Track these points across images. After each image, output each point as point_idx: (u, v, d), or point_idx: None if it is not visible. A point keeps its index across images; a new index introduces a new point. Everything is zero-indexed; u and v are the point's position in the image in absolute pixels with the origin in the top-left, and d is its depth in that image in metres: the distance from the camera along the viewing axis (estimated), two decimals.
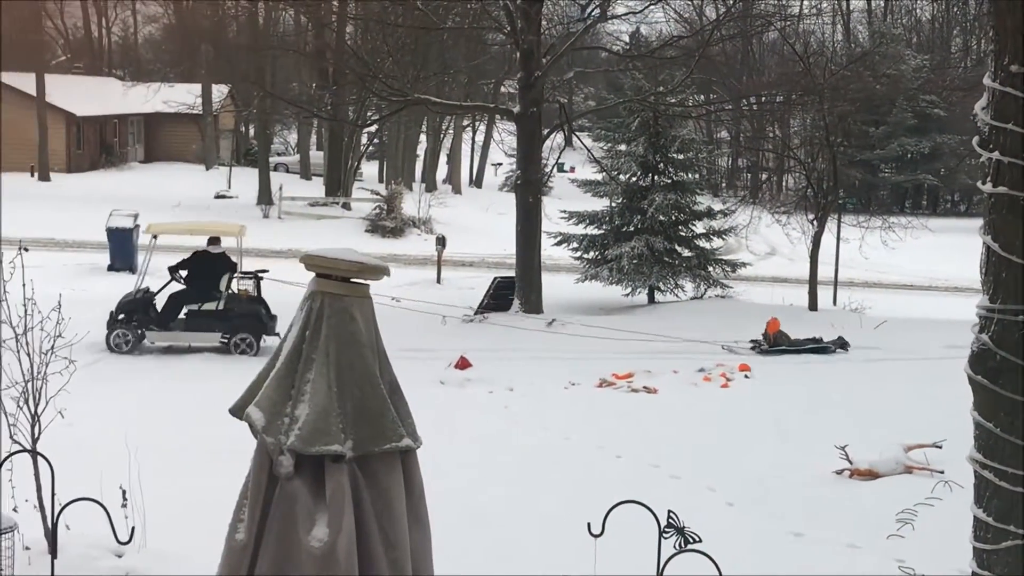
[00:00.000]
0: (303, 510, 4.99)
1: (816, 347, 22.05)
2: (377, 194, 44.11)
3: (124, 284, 28.08)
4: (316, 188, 52.40)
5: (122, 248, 29.95)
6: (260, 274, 21.00)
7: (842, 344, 22.35)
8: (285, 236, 38.61)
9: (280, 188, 45.86)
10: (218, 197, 48.93)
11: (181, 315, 20.55)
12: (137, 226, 30.10)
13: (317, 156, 61.73)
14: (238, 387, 15.45)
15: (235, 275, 20.85)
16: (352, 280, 5.26)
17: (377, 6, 31.08)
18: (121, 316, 20.30)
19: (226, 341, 20.26)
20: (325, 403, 5.02)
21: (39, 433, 9.83)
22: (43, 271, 23.48)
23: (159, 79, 65.39)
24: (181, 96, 57.60)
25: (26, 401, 9.84)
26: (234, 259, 21.09)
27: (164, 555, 9.84)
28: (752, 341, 22.36)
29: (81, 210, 40.21)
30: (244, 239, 22.27)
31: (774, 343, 22.08)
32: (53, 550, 6.96)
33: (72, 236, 35.64)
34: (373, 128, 47.04)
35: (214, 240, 21.26)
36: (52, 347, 10.02)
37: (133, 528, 7.97)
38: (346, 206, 45.86)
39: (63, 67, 71.19)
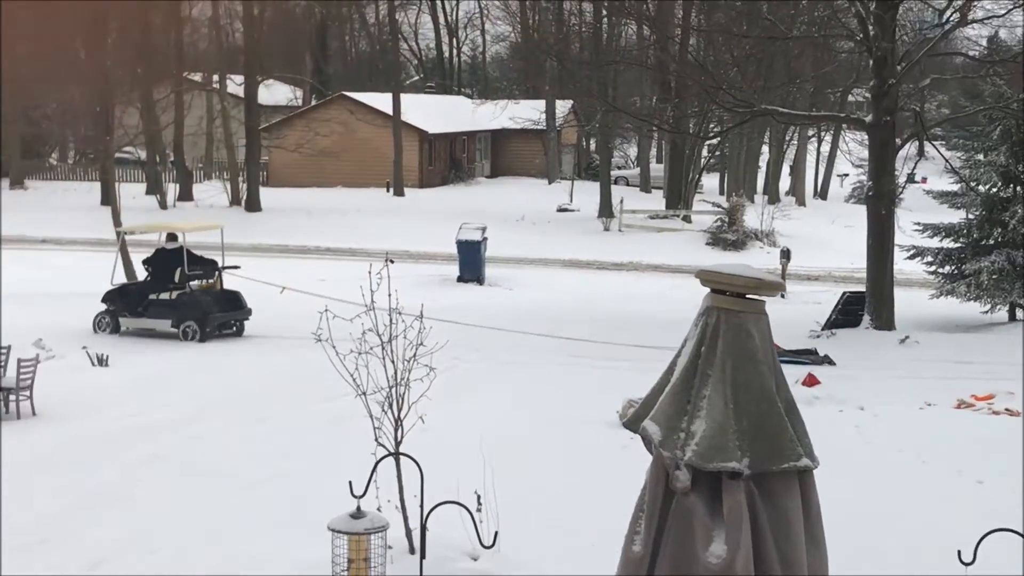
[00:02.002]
0: (700, 525, 4.91)
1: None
2: (718, 206, 43.71)
3: (473, 294, 29.09)
4: (656, 201, 52.51)
5: (471, 259, 30.95)
6: (229, 269, 23.81)
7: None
8: (625, 249, 38.84)
9: (621, 201, 46.21)
10: (560, 210, 49.82)
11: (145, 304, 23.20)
12: (485, 239, 31.02)
13: (657, 169, 61.89)
14: (582, 396, 15.47)
15: (189, 269, 23.27)
16: (748, 296, 5.13)
17: (722, 17, 30.75)
18: (103, 306, 23.25)
19: (176, 328, 22.64)
20: (722, 419, 4.92)
21: (402, 436, 10.18)
22: (400, 282, 24.51)
23: (505, 96, 67.48)
24: (526, 112, 59.23)
25: (390, 406, 10.22)
26: (203, 255, 24.00)
27: (518, 560, 9.96)
28: None
29: (431, 223, 41.85)
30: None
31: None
32: (422, 551, 7.12)
33: (423, 248, 37.13)
34: (715, 140, 46.67)
35: (171, 237, 24.06)
36: (414, 355, 10.37)
37: (496, 533, 8.07)
38: (687, 219, 45.69)
39: (416, 87, 74.60)
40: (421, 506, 7.54)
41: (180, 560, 10.45)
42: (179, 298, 23.09)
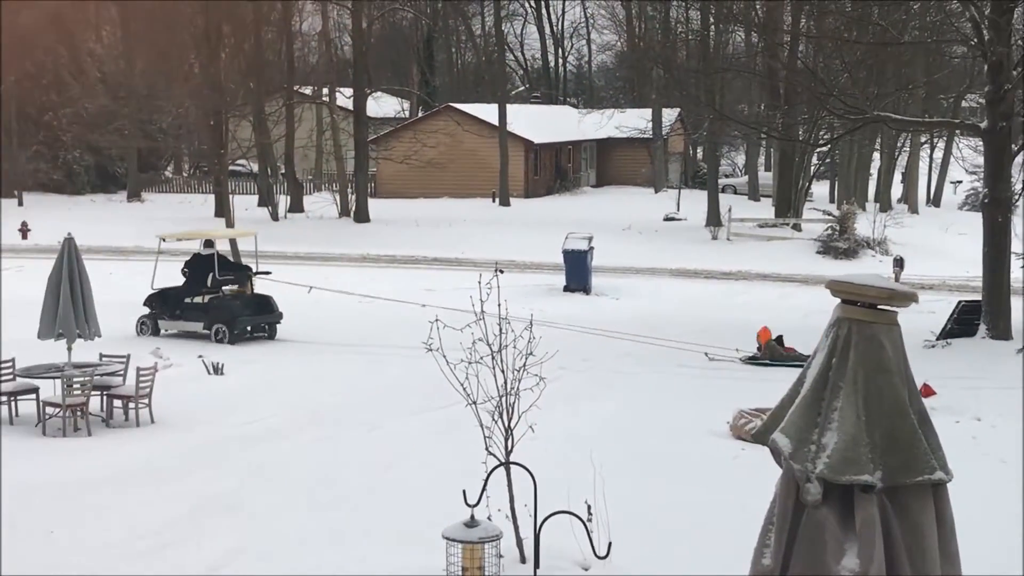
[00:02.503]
0: (832, 539, 4.86)
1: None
2: (829, 214, 43.08)
3: (580, 303, 29.08)
4: (765, 209, 51.96)
5: (577, 269, 30.93)
6: (261, 275, 24.98)
7: None
8: (733, 258, 38.49)
9: (729, 210, 45.83)
10: (667, 219, 49.56)
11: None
12: (592, 248, 31.00)
13: (766, 177, 61.24)
14: (691, 406, 15.38)
15: (220, 274, 24.22)
16: (879, 307, 5.07)
17: (832, 22, 30.35)
18: (145, 309, 24.34)
19: (208, 331, 23.60)
20: (854, 432, 4.87)
21: (512, 446, 10.22)
22: (506, 291, 24.60)
23: (611, 105, 67.37)
24: (632, 121, 59.07)
25: (500, 415, 10.28)
26: (237, 261, 25.31)
27: (629, 571, 9.94)
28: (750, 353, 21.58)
29: (537, 233, 41.93)
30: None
31: (767, 354, 21.45)
32: (536, 560, 7.15)
33: (529, 258, 37.21)
34: (825, 147, 46.02)
35: (208, 243, 24.94)
36: (524, 364, 10.41)
37: (610, 544, 8.06)
38: (796, 227, 45.12)
39: (522, 97, 74.86)
40: (534, 515, 7.57)
41: (293, 567, 10.62)
42: (211, 302, 24.08)
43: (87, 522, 11.92)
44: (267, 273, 25.42)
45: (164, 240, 25.17)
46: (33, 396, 16.53)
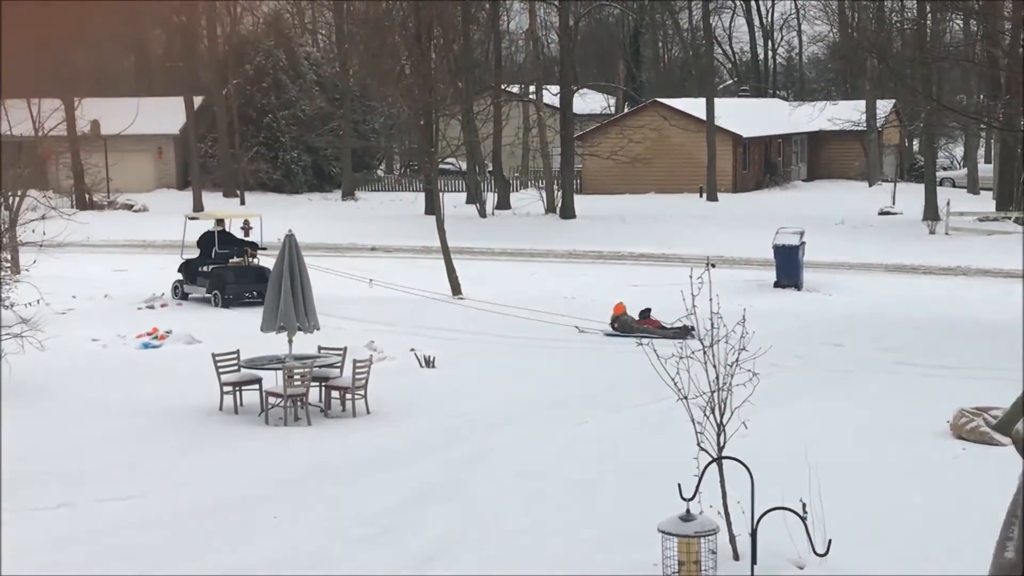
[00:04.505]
0: None
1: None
2: None
3: (791, 299, 28.54)
4: (985, 203, 50.00)
5: (789, 264, 30.34)
6: (256, 250, 28.57)
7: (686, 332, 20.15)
8: (952, 253, 37.12)
9: (947, 203, 44.24)
10: (882, 214, 48.18)
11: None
12: (803, 243, 30.39)
13: (986, 169, 58.92)
14: (909, 404, 14.85)
15: (220, 248, 28.39)
16: None
17: None
18: (177, 277, 28.77)
19: (209, 295, 27.71)
20: None
21: (724, 442, 10.13)
22: (716, 287, 24.36)
23: (823, 97, 65.89)
24: (845, 113, 57.57)
25: (712, 411, 10.20)
26: (241, 236, 29.26)
27: (847, 570, 9.72)
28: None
29: (746, 228, 41.32)
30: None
31: (619, 327, 23.74)
32: (753, 556, 7.08)
33: (738, 253, 36.70)
34: None
35: (219, 222, 29.70)
36: (736, 360, 10.31)
37: (830, 541, 7.91)
38: (1019, 221, 43.24)
39: (730, 90, 73.94)
40: (752, 511, 7.47)
41: (506, 558, 10.76)
42: (212, 271, 27.98)
43: (311, 507, 12.36)
44: (263, 249, 28.79)
45: (189, 219, 30.65)
46: (256, 386, 17.20)
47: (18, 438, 15.07)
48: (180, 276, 28.71)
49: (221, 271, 27.87)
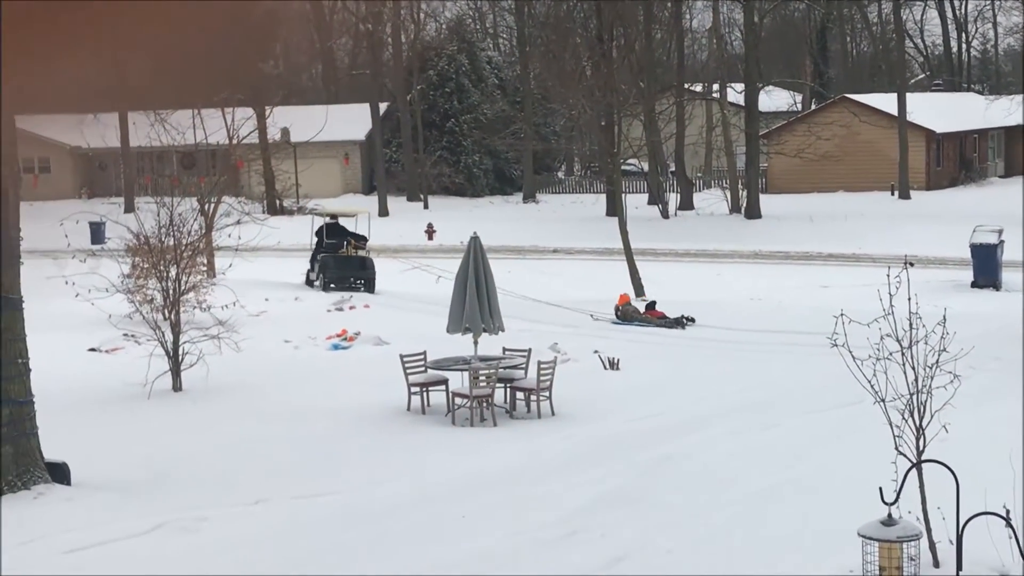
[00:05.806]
0: None
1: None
2: None
3: (989, 300, 27.47)
4: None
5: (986, 264, 29.26)
6: (359, 242, 31.75)
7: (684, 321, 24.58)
8: None
9: None
10: None
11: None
12: (1002, 242, 29.24)
13: None
14: None
15: (327, 238, 31.79)
16: None
17: None
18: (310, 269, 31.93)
19: (318, 280, 31.00)
20: None
21: (924, 446, 9.76)
22: (914, 287, 23.62)
23: (1019, 91, 63.37)
24: None
25: (911, 413, 9.84)
26: (351, 229, 32.47)
27: None
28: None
29: (940, 227, 40.00)
30: None
31: (622, 315, 25.57)
32: (959, 563, 6.76)
33: (933, 253, 35.54)
34: None
35: (332, 216, 33.33)
36: (937, 361, 9.92)
37: None
38: None
39: (922, 85, 71.73)
40: (957, 517, 7.15)
41: (694, 561, 10.58)
42: (321, 259, 31.08)
43: (499, 507, 12.37)
44: (365, 239, 32.22)
45: (316, 214, 34.76)
46: (443, 387, 17.37)
47: (213, 437, 15.55)
48: (309, 266, 32.05)
49: (326, 259, 31.10)
